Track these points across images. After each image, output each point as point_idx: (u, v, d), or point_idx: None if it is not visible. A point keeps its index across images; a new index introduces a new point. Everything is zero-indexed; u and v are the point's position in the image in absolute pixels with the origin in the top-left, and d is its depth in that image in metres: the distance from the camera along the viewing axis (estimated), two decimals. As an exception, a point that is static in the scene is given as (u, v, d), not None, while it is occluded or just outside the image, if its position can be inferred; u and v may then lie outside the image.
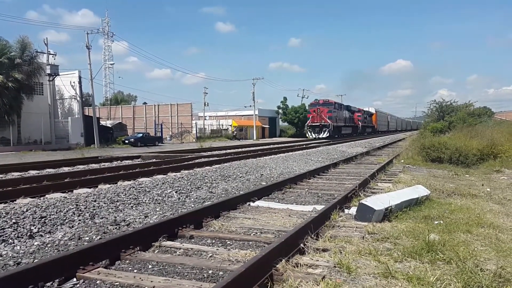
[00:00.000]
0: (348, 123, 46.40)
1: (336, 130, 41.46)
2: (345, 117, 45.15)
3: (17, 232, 4.27)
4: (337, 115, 41.35)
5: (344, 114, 44.79)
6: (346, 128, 45.44)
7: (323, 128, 38.77)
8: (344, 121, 44.62)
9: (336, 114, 40.99)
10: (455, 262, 3.14)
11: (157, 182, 7.46)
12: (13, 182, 7.53)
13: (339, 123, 42.07)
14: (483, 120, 26.86)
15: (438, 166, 11.85)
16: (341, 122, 43.00)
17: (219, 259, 3.39)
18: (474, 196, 6.77)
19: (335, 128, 40.10)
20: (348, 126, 46.46)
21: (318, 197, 6.51)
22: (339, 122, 42.45)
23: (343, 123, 44.08)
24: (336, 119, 40.80)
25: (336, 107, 41.80)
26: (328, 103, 41.34)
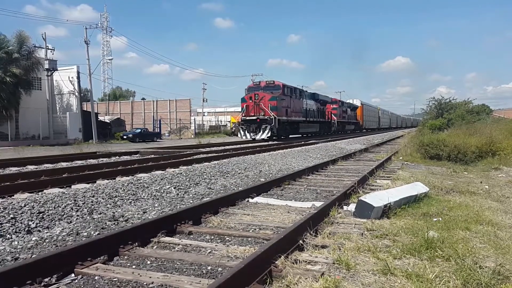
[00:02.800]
0: (313, 117, 32.71)
1: (287, 127, 27.57)
2: (308, 109, 31.40)
3: (15, 227, 4.25)
4: (289, 105, 27.24)
5: (306, 104, 31.00)
6: (308, 125, 31.89)
7: (262, 125, 24.70)
8: (305, 114, 30.60)
9: (288, 104, 27.03)
10: (454, 259, 3.14)
11: (155, 177, 7.45)
12: (11, 177, 7.50)
13: (293, 117, 28.07)
14: (482, 117, 26.88)
15: (437, 163, 11.86)
16: (298, 115, 29.05)
17: (218, 255, 3.38)
18: (473, 193, 6.77)
19: (284, 124, 26.34)
20: (312, 122, 32.73)
21: (317, 194, 6.51)
22: (295, 116, 28.37)
23: (303, 117, 30.20)
24: (287, 110, 26.85)
25: (288, 93, 27.43)
26: (273, 86, 26.52)
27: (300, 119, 29.65)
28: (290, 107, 27.48)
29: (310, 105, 32.53)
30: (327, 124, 38.00)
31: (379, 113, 68.20)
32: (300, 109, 29.79)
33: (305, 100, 31.26)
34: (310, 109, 32.33)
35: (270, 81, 26.99)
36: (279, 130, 25.49)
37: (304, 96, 31.27)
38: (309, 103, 32.40)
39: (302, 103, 30.46)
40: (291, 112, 27.66)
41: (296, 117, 28.83)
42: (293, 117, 28.08)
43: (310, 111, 32.45)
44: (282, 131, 26.48)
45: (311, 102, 33.01)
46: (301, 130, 30.84)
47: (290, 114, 27.36)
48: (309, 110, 31.92)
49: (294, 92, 28.88)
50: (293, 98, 28.39)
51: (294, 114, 28.21)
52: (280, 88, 26.23)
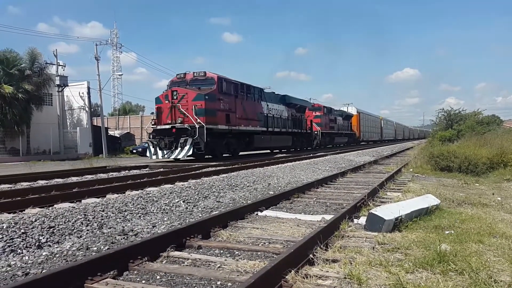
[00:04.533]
0: (281, 126, 24.28)
1: (231, 140, 19.24)
2: (271, 115, 23.07)
3: (26, 242, 4.27)
4: (232, 108, 18.69)
5: (267, 109, 22.74)
6: (273, 138, 23.22)
7: (180, 137, 16.20)
8: (266, 122, 22.20)
9: (230, 106, 18.55)
10: (467, 273, 3.08)
11: (164, 191, 7.46)
12: (22, 192, 7.57)
13: (242, 126, 19.49)
14: (492, 128, 26.64)
15: (448, 175, 11.73)
16: (252, 124, 20.68)
17: (227, 270, 3.36)
18: (485, 205, 6.67)
19: (221, 135, 18.17)
20: (280, 133, 24.24)
21: (326, 207, 6.46)
22: (245, 124, 19.88)
23: (262, 127, 21.77)
24: (229, 116, 18.37)
25: (229, 91, 18.69)
26: (203, 79, 17.92)
27: (255, 129, 20.83)
28: (236, 112, 18.77)
29: (277, 111, 24.17)
30: (305, 136, 29.22)
31: (381, 123, 60.05)
32: (256, 115, 21.12)
33: (266, 103, 22.50)
34: (276, 115, 23.79)
35: (199, 72, 17.70)
36: (211, 144, 16.78)
37: (264, 98, 22.50)
38: (275, 107, 23.90)
39: (260, 107, 21.84)
40: (238, 119, 18.94)
41: (249, 125, 20.04)
42: (242, 126, 19.21)
43: (277, 118, 23.84)
44: (217, 146, 17.73)
45: (278, 107, 24.54)
46: (258, 144, 21.56)
47: (235, 121, 18.63)
48: (274, 117, 23.36)
49: (243, 90, 19.88)
50: (242, 99, 19.64)
51: (243, 122, 19.42)
52: (214, 83, 17.24)
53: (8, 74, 25.53)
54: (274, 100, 24.45)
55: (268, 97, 23.63)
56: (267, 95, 23.45)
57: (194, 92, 16.86)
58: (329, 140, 35.72)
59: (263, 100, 22.63)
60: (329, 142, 35.84)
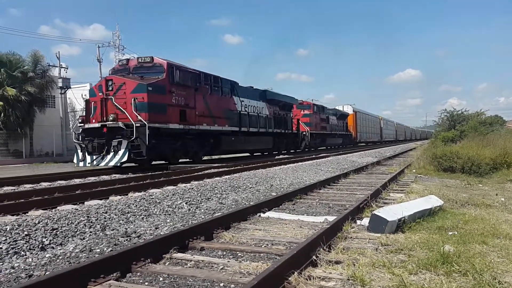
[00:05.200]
0: (259, 126, 21.02)
1: (190, 141, 15.60)
2: (245, 113, 19.84)
3: (29, 244, 4.28)
4: (190, 104, 15.29)
5: (241, 106, 19.56)
6: (248, 139, 20.08)
7: (113, 139, 12.54)
8: (239, 121, 19.09)
9: (187, 101, 15.04)
10: (471, 274, 3.07)
11: (167, 193, 7.47)
12: (25, 194, 7.59)
13: (204, 125, 16.16)
14: (495, 128, 26.54)
15: (451, 175, 11.71)
16: (219, 122, 17.39)
17: (230, 271, 3.36)
18: (488, 206, 6.65)
19: (171, 137, 14.49)
20: (258, 134, 21.04)
21: (329, 208, 6.45)
22: (209, 122, 16.64)
23: (233, 126, 18.55)
24: (186, 113, 14.93)
25: (185, 82, 14.97)
26: (149, 66, 14.22)
27: (223, 128, 17.46)
28: (195, 108, 15.31)
29: (255, 108, 20.86)
30: (290, 137, 25.78)
31: (380, 123, 56.56)
32: (225, 112, 17.68)
33: (239, 98, 19.22)
34: (253, 113, 20.42)
35: (144, 58, 14.08)
36: (159, 147, 13.52)
37: (237, 93, 19.12)
38: (252, 104, 20.61)
39: (232, 103, 18.57)
40: (199, 117, 15.51)
41: (214, 124, 16.69)
42: (204, 125, 15.85)
43: (254, 116, 20.48)
44: (168, 150, 14.26)
45: (257, 104, 21.29)
46: (228, 146, 18.35)
47: (194, 119, 15.18)
48: (250, 115, 19.98)
49: (207, 82, 16.46)
50: (205, 93, 16.16)
51: (206, 120, 16.06)
52: (163, 71, 13.76)
53: (11, 76, 25.65)
54: (251, 96, 21.04)
55: (243, 92, 20.15)
56: (241, 90, 19.96)
57: (134, 82, 13.04)
58: (320, 142, 32.37)
59: (236, 95, 19.16)
60: (320, 144, 32.56)
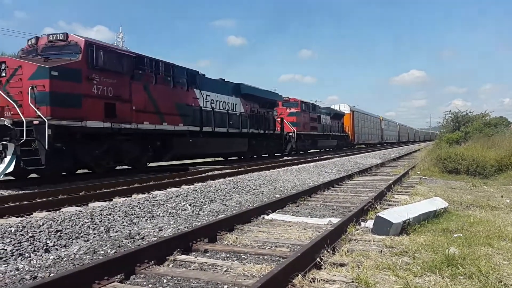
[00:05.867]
0: (235, 125, 18.00)
1: (114, 145, 11.56)
2: (212, 109, 16.25)
3: (33, 246, 4.29)
4: (133, 94, 11.69)
5: (209, 102, 16.30)
6: (217, 141, 16.66)
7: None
8: (199, 119, 15.26)
9: (121, 91, 11.31)
10: (477, 277, 3.05)
11: (171, 195, 7.47)
12: (30, 196, 7.61)
13: (154, 125, 12.57)
14: (500, 130, 26.44)
15: (455, 177, 11.65)
16: (176, 121, 13.75)
17: (234, 273, 3.35)
18: (494, 208, 6.61)
19: (92, 139, 10.84)
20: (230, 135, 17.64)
21: (333, 210, 6.43)
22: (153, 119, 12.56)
23: (193, 125, 14.79)
24: (114, 108, 11.09)
25: (125, 69, 11.50)
26: (66, 46, 10.43)
27: (176, 128, 13.79)
28: (132, 101, 11.80)
29: (225, 104, 17.43)
30: (272, 138, 22.34)
31: (381, 124, 53.51)
32: (178, 108, 14.01)
33: (202, 92, 15.69)
34: (221, 110, 17.05)
35: (57, 35, 10.70)
36: (67, 152, 10.27)
37: (199, 85, 15.53)
38: (222, 100, 17.23)
39: (190, 98, 14.98)
40: (138, 112, 11.97)
41: (162, 123, 13.10)
42: (145, 123, 12.26)
43: (222, 114, 17.06)
44: (85, 156, 10.97)
45: (228, 100, 17.86)
46: (184, 150, 14.65)
47: (130, 115, 11.69)
48: (216, 112, 16.54)
49: (150, 69, 12.87)
50: (147, 82, 12.53)
51: (150, 118, 12.48)
52: (80, 51, 10.51)
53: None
54: (221, 90, 17.44)
55: (209, 85, 16.51)
56: (206, 82, 16.31)
57: (33, 65, 9.69)
58: (311, 144, 28.82)
59: (198, 88, 15.48)
60: (311, 146, 29.10)
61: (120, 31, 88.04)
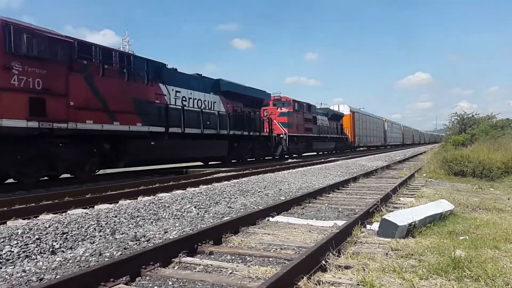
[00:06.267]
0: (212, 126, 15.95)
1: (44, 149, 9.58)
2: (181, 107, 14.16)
3: (40, 248, 4.32)
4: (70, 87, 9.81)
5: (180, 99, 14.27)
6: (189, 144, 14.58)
7: None
8: (164, 118, 13.33)
9: (54, 83, 9.39)
10: (483, 280, 3.03)
11: (176, 197, 7.49)
12: (36, 198, 7.66)
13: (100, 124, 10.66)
14: (506, 132, 26.25)
15: (461, 179, 11.59)
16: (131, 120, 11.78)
17: (239, 275, 3.35)
18: (500, 210, 6.56)
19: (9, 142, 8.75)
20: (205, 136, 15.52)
21: (338, 212, 6.42)
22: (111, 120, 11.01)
23: (155, 125, 12.82)
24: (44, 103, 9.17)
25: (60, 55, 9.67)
26: None
27: (131, 128, 11.88)
28: (69, 95, 10.00)
29: (200, 102, 15.54)
30: (258, 140, 20.14)
31: (384, 126, 51.43)
32: (136, 105, 12.11)
33: (166, 87, 13.68)
34: (194, 109, 15.07)
35: None
36: None
37: (165, 79, 13.68)
38: (196, 97, 15.27)
39: (153, 94, 13.01)
40: (78, 110, 10.21)
41: (113, 122, 11.26)
42: (86, 123, 10.45)
43: (197, 113, 15.13)
44: None
45: (205, 97, 15.90)
46: (142, 155, 12.67)
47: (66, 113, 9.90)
48: (187, 111, 14.54)
49: (95, 56, 10.97)
50: (91, 74, 10.71)
51: (95, 116, 10.70)
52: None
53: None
54: (195, 86, 15.52)
55: (180, 80, 14.54)
56: (175, 77, 14.40)
57: None
58: (305, 146, 26.65)
59: (164, 83, 13.61)
60: (305, 149, 26.85)
61: (126, 34, 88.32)
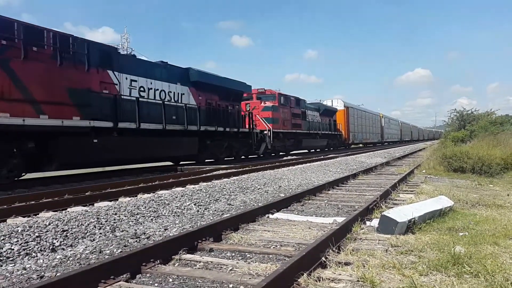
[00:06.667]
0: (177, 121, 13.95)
1: None
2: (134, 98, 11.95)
3: (40, 245, 4.33)
4: None
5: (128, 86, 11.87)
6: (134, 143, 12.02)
7: None
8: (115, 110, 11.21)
9: None
10: (483, 276, 3.04)
11: (176, 194, 7.49)
12: (36, 196, 7.66)
13: None
14: (506, 128, 26.27)
15: (461, 176, 11.60)
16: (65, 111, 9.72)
17: (239, 272, 3.36)
18: (500, 206, 6.57)
19: None
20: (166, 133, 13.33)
21: (338, 209, 6.43)
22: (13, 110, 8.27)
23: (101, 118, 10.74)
24: None
25: None
26: None
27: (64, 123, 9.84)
28: None
29: (164, 93, 13.62)
30: (236, 137, 18.01)
31: (381, 122, 49.43)
32: (72, 96, 10.08)
33: (115, 75, 11.67)
34: (154, 101, 13.08)
35: None
36: None
37: (116, 66, 11.67)
38: (158, 87, 13.39)
39: (97, 81, 11.04)
40: None
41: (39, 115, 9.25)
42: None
43: (158, 106, 13.15)
44: None
45: (171, 88, 14.06)
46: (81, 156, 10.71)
47: None
48: (146, 103, 12.64)
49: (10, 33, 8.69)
50: (8, 57, 8.63)
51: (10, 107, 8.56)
52: None
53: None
54: (158, 75, 13.47)
55: (136, 68, 12.54)
56: (131, 64, 12.46)
57: None
58: (293, 144, 24.60)
59: (114, 70, 11.56)
60: (293, 147, 24.89)
61: (125, 31, 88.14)
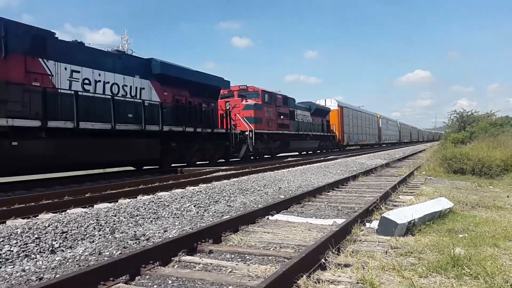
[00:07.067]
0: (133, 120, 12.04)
1: None
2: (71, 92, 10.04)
3: (39, 247, 4.32)
4: None
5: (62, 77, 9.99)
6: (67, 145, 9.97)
7: None
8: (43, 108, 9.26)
9: None
10: (482, 278, 3.03)
11: (175, 196, 7.49)
12: (36, 197, 7.66)
13: None
14: (506, 129, 26.27)
15: (461, 177, 11.59)
16: None
17: (239, 274, 3.35)
18: (500, 208, 6.57)
19: None
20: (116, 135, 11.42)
21: (338, 211, 6.42)
22: None
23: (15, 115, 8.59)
24: None
25: None
26: None
27: None
28: None
29: (117, 87, 11.87)
30: (210, 139, 16.22)
31: (378, 122, 47.45)
32: None
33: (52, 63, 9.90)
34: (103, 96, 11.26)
35: None
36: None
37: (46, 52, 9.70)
38: (111, 80, 11.66)
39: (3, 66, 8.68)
40: None
41: None
42: None
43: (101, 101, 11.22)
44: None
45: (128, 82, 12.30)
46: None
47: None
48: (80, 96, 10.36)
49: None
50: None
51: None
52: None
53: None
54: (109, 66, 11.76)
55: (82, 57, 10.92)
56: (75, 52, 10.82)
57: None
58: (280, 145, 22.48)
59: (49, 58, 9.89)
60: (280, 149, 22.83)
61: (125, 33, 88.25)
